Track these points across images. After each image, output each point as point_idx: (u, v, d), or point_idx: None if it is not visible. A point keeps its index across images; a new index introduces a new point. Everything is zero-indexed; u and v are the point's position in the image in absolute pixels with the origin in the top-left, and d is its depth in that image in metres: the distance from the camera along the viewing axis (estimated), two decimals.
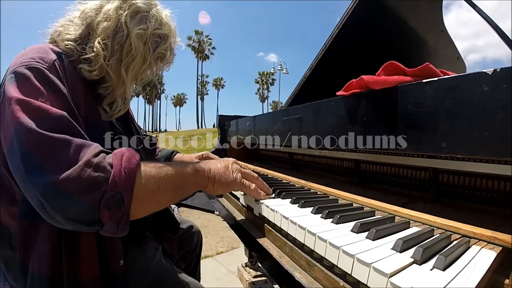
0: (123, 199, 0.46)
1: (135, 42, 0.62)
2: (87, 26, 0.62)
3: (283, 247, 0.56)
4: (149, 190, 0.51)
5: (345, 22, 1.25)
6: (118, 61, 0.62)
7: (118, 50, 0.62)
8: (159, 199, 0.54)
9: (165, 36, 0.69)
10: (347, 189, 0.73)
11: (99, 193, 0.45)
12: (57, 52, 0.58)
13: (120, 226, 0.48)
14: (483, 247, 0.40)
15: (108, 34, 0.61)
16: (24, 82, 0.49)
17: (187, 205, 3.70)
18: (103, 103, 0.63)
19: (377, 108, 0.59)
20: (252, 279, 1.56)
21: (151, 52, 0.66)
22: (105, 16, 0.61)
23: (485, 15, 1.15)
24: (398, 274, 0.32)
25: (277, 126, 1.02)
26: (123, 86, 0.64)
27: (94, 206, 0.44)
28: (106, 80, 0.63)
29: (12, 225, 0.58)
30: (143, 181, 0.50)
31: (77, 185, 0.44)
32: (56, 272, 0.54)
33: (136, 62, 0.64)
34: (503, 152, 0.39)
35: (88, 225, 0.46)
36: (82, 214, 0.45)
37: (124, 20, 0.62)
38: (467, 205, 0.58)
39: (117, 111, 0.65)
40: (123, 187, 0.47)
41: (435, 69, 0.55)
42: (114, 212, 0.46)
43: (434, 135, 0.47)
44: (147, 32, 0.64)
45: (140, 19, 0.64)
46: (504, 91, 0.38)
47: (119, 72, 0.63)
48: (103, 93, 0.63)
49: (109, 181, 0.46)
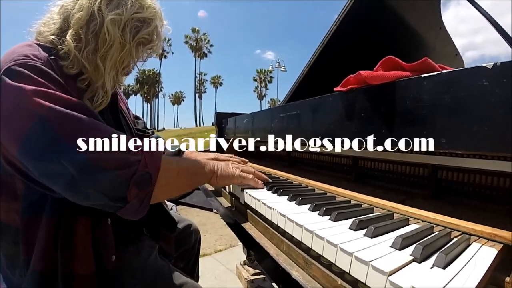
0: (151, 178, 0.53)
1: (109, 29, 0.59)
2: (64, 20, 0.60)
3: (280, 245, 0.55)
4: (171, 175, 0.60)
5: (343, 18, 1.24)
6: (94, 51, 0.60)
7: (93, 39, 0.60)
8: (178, 183, 0.64)
9: (148, 19, 0.65)
10: (345, 186, 0.73)
11: (132, 170, 0.51)
12: (45, 48, 0.57)
13: (142, 205, 0.54)
14: (484, 245, 0.39)
15: (81, 24, 0.59)
16: (25, 79, 0.50)
17: (186, 203, 3.69)
18: (84, 97, 0.61)
19: (375, 103, 0.58)
20: (250, 277, 1.55)
21: (130, 38, 0.63)
22: (78, 7, 0.60)
23: (484, 11, 1.14)
24: (398, 272, 0.31)
25: (275, 123, 1.01)
26: (101, 77, 0.61)
27: (125, 182, 0.50)
28: (83, 73, 0.61)
29: (14, 221, 0.58)
30: (166, 166, 0.58)
31: (113, 161, 0.50)
32: (49, 267, 0.55)
33: (113, 50, 0.61)
34: (503, 148, 0.38)
35: (115, 201, 0.51)
36: (114, 188, 0.50)
37: (97, 7, 0.59)
38: (467, 202, 0.57)
39: (98, 103, 0.62)
40: (152, 167, 0.54)
41: (434, 64, 0.54)
42: (141, 190, 0.52)
43: (433, 130, 0.47)
44: (123, 17, 0.61)
45: (117, 4, 0.61)
46: (504, 86, 0.37)
47: (96, 63, 0.60)
48: (82, 86, 0.61)
49: (140, 162, 0.53)
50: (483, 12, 1.13)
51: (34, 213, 0.56)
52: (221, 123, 1.63)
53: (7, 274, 0.62)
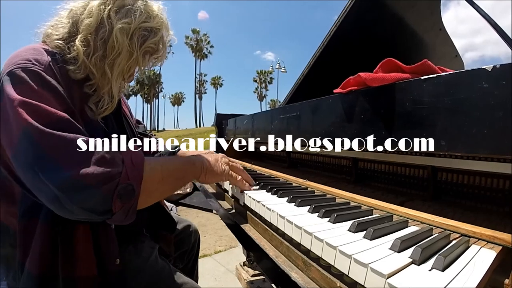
0: (133, 190, 0.52)
1: (118, 37, 0.60)
2: (73, 25, 0.61)
3: (279, 247, 0.55)
4: (154, 181, 0.58)
5: (343, 19, 1.24)
6: (102, 58, 0.61)
7: (102, 46, 0.60)
8: (163, 188, 0.61)
9: (155, 29, 0.66)
10: (345, 187, 0.73)
11: (113, 184, 0.50)
12: (50, 52, 0.57)
13: (128, 215, 0.53)
14: (483, 247, 0.39)
15: (90, 30, 0.60)
16: (22, 85, 0.50)
17: (185, 204, 3.69)
18: (89, 101, 0.61)
19: (375, 105, 0.58)
20: (250, 278, 1.55)
21: (137, 46, 0.63)
22: (88, 13, 0.60)
23: (483, 12, 1.14)
24: (396, 275, 0.31)
25: (275, 124, 1.01)
26: (108, 84, 0.62)
27: (108, 197, 0.49)
28: (91, 78, 0.61)
29: (12, 224, 0.58)
30: (149, 173, 0.56)
31: (94, 178, 0.48)
32: (47, 271, 0.54)
33: (121, 57, 0.62)
34: (503, 149, 0.38)
35: (100, 215, 0.50)
36: (97, 204, 0.49)
37: (106, 15, 0.60)
38: (466, 204, 0.57)
39: (103, 109, 0.63)
40: (133, 179, 0.52)
41: (433, 66, 0.55)
42: (125, 202, 0.51)
43: (432, 132, 0.47)
44: (132, 26, 0.62)
45: (126, 13, 0.62)
46: (503, 88, 0.38)
47: (104, 69, 0.61)
48: (88, 91, 0.61)
49: (122, 174, 0.51)
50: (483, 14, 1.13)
51: (31, 217, 0.56)
52: (221, 124, 1.63)
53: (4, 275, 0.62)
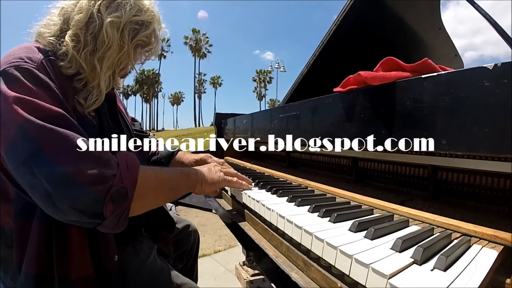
0: (127, 194, 0.51)
1: (108, 31, 0.60)
2: (65, 22, 0.61)
3: (279, 247, 0.55)
4: (148, 188, 0.57)
5: (343, 18, 1.24)
6: (92, 52, 0.61)
7: (92, 41, 0.60)
8: (156, 197, 0.61)
9: (146, 22, 0.66)
10: (345, 187, 0.72)
11: (107, 186, 0.49)
12: (43, 50, 0.57)
13: (120, 221, 0.52)
14: (484, 246, 0.39)
15: (80, 26, 0.60)
16: (16, 83, 0.50)
17: (185, 203, 3.69)
18: (79, 96, 0.61)
19: (375, 104, 0.58)
20: (250, 277, 1.55)
21: (128, 40, 0.63)
22: (78, 9, 0.60)
23: (483, 12, 1.14)
24: (398, 275, 0.31)
25: (274, 123, 1.01)
26: (97, 77, 0.62)
27: (100, 198, 0.48)
28: (80, 73, 0.61)
29: (8, 224, 0.58)
30: (143, 180, 0.55)
31: (88, 176, 0.47)
32: (43, 271, 0.54)
33: (111, 51, 0.61)
34: (503, 148, 0.38)
35: (90, 217, 0.49)
36: (88, 205, 0.48)
37: (96, 10, 0.60)
38: (467, 203, 0.57)
39: (91, 103, 0.62)
40: (127, 183, 0.52)
41: (434, 64, 0.54)
42: (117, 206, 0.50)
43: (433, 131, 0.46)
44: (122, 20, 0.62)
45: (116, 7, 0.62)
46: (504, 87, 0.37)
47: (93, 64, 0.61)
48: (77, 85, 0.61)
49: (116, 176, 0.51)
50: (483, 13, 1.13)
51: (26, 217, 0.56)
52: (220, 124, 1.63)
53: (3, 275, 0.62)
